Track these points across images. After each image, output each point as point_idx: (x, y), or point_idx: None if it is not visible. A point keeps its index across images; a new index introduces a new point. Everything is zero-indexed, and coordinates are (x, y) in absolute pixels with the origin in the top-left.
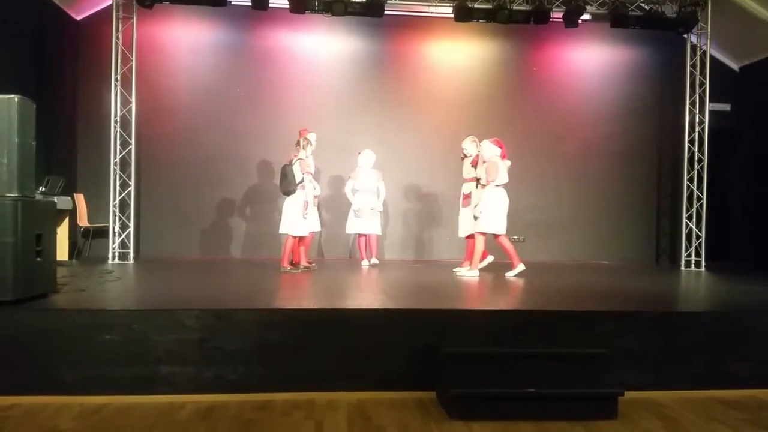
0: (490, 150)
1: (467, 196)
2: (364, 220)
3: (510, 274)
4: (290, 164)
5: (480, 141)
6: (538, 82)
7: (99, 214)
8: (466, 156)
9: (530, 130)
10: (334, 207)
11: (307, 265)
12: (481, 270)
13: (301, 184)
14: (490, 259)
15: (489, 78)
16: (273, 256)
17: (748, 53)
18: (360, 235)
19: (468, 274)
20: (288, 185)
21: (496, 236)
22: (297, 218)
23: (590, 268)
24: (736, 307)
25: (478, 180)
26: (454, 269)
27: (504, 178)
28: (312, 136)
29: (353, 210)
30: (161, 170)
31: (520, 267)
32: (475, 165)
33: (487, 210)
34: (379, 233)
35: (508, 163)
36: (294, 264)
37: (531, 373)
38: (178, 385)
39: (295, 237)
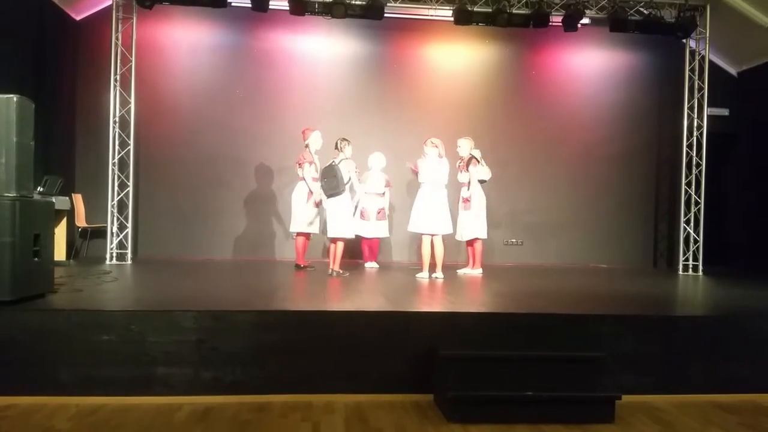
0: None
1: (466, 199)
2: (371, 223)
3: (420, 275)
4: (336, 164)
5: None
6: (537, 86)
7: (97, 214)
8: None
9: (529, 133)
10: None
11: (306, 266)
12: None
13: (348, 183)
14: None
15: (488, 81)
16: (271, 258)
17: (746, 58)
18: (363, 238)
19: (473, 272)
20: (337, 185)
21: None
22: (347, 220)
23: (588, 272)
24: (733, 311)
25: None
26: (458, 270)
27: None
28: (316, 135)
29: (358, 212)
30: (160, 171)
31: (425, 274)
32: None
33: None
34: (387, 235)
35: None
36: (305, 266)
37: (528, 377)
38: (175, 386)
39: (344, 240)
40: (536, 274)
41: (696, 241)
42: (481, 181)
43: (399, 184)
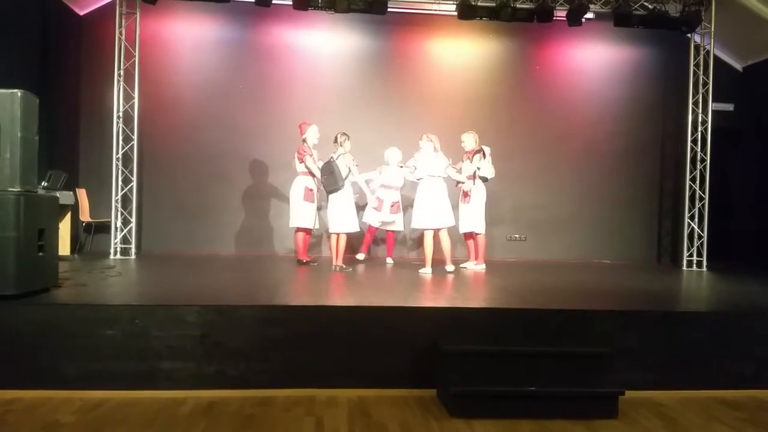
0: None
1: (466, 193)
2: (382, 214)
3: (423, 270)
4: (333, 160)
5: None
6: (541, 81)
7: (101, 209)
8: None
9: (532, 128)
10: None
11: (308, 261)
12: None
13: (347, 178)
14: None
15: (492, 76)
16: (274, 253)
17: (751, 53)
18: (371, 228)
19: (476, 267)
20: (336, 181)
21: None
22: (348, 215)
23: (592, 267)
24: (737, 307)
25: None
26: (460, 265)
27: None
28: (313, 129)
29: (374, 201)
30: (163, 166)
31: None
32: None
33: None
34: (401, 229)
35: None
36: (307, 261)
37: (532, 372)
38: (179, 380)
39: (346, 234)
40: (539, 270)
41: (700, 237)
42: (483, 179)
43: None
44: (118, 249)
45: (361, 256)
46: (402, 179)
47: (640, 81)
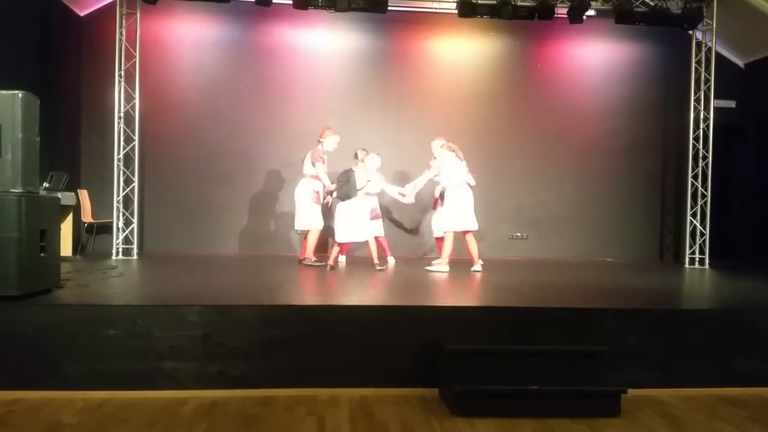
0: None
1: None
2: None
3: (437, 268)
4: (352, 170)
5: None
6: (542, 79)
7: (103, 210)
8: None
9: (534, 126)
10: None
11: (314, 261)
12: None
13: (361, 190)
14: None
15: (492, 74)
16: (276, 253)
17: (753, 50)
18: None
19: (439, 268)
20: (350, 190)
21: (465, 233)
22: (357, 224)
23: (593, 266)
24: (739, 304)
25: None
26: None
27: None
28: (334, 138)
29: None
30: (165, 166)
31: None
32: None
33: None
34: (381, 234)
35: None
36: (304, 260)
37: (534, 370)
38: (181, 380)
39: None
40: (541, 268)
41: (702, 234)
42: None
43: (398, 179)
44: (120, 249)
45: (390, 259)
46: (380, 186)
47: (642, 78)
